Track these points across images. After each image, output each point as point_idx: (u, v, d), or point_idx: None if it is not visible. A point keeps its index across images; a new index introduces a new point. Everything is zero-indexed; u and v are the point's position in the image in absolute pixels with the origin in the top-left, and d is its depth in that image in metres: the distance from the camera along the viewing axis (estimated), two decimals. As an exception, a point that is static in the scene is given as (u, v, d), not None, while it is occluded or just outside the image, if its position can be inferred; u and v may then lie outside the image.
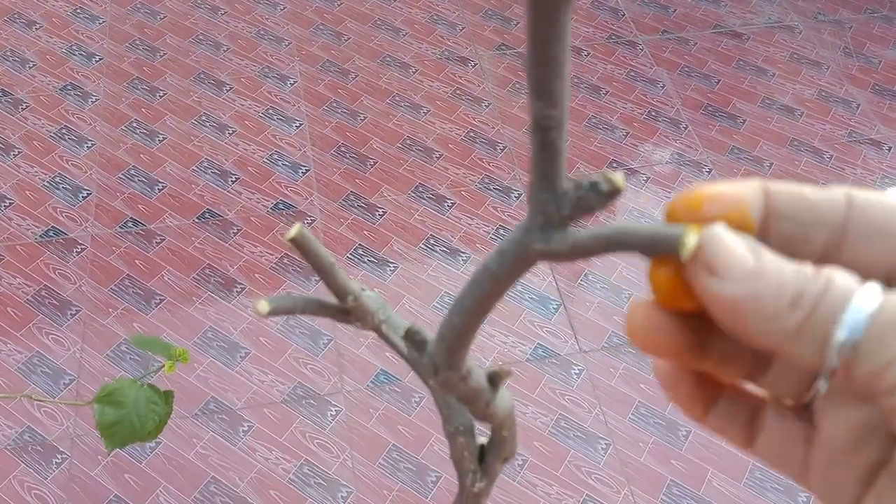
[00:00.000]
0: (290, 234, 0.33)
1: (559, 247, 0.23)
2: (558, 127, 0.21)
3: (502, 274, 0.26)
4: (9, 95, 1.82)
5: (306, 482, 1.28)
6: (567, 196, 0.22)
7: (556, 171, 0.22)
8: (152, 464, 1.29)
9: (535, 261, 0.24)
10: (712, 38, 2.11)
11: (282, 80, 1.91)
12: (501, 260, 0.25)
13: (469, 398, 0.34)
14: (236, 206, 1.65)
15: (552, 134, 0.21)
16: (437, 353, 0.31)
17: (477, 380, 0.33)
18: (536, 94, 0.20)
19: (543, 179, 0.22)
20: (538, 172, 0.22)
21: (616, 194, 0.22)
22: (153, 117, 1.80)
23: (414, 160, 1.76)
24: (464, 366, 0.32)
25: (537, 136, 0.21)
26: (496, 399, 0.36)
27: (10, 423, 1.32)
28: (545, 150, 0.21)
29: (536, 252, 0.23)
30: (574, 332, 1.49)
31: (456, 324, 0.29)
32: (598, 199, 0.22)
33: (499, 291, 0.27)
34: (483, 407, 0.35)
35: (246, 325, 1.46)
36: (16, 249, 1.55)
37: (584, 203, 0.22)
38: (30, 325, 1.44)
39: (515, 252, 0.24)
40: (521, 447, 1.34)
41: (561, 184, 0.22)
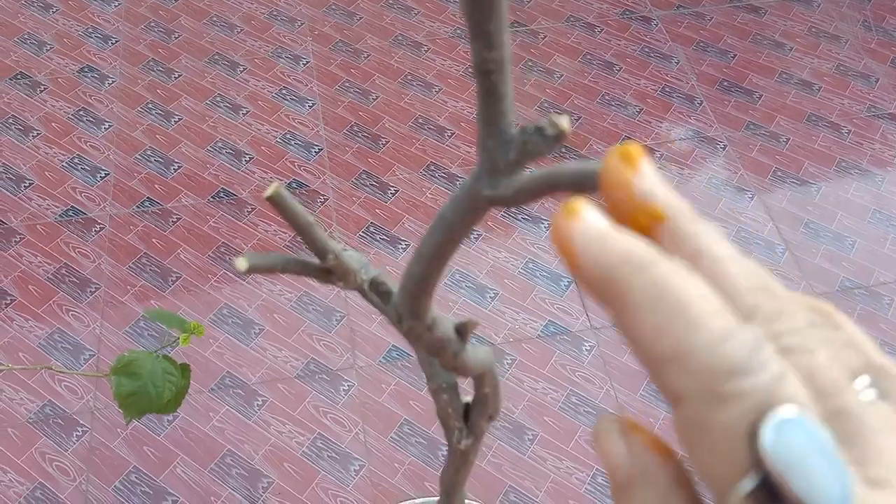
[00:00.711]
0: (268, 192, 0.34)
1: (505, 192, 0.23)
2: (499, 70, 0.21)
3: (456, 221, 0.26)
4: (27, 78, 1.85)
5: (319, 455, 1.30)
6: (513, 141, 0.22)
7: (501, 116, 0.22)
8: (170, 436, 1.32)
9: (486, 207, 0.25)
10: (729, 12, 2.08)
11: (295, 60, 1.92)
12: (455, 207, 0.26)
13: (435, 348, 0.35)
14: (250, 186, 1.66)
15: (493, 77, 0.21)
16: (400, 302, 0.32)
17: (442, 330, 0.34)
18: (474, 35, 0.20)
19: (489, 125, 0.22)
20: (483, 118, 0.22)
21: (561, 138, 0.22)
22: (169, 98, 1.82)
23: (426, 139, 1.76)
24: (427, 315, 0.32)
25: (480, 79, 0.21)
26: (465, 351, 0.36)
27: (32, 396, 1.35)
28: (488, 95, 0.22)
29: (486, 198, 0.24)
30: (585, 309, 1.50)
31: (416, 272, 0.30)
32: (544, 144, 0.22)
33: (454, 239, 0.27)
34: (451, 357, 0.35)
35: (260, 302, 1.48)
36: (36, 229, 1.58)
37: (530, 148, 0.22)
38: (50, 302, 1.47)
39: (467, 199, 0.25)
40: (531, 422, 1.35)
41: (506, 129, 0.22)
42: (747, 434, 0.16)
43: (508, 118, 0.22)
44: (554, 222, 0.19)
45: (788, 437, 0.15)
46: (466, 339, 0.36)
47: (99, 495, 1.25)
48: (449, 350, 0.35)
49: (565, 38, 2.00)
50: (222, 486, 1.27)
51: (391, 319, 0.33)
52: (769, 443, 0.15)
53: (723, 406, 0.16)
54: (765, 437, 0.15)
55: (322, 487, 1.27)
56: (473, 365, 0.38)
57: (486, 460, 1.31)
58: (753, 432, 0.15)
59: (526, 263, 1.56)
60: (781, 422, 0.15)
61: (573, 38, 2.00)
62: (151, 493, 1.26)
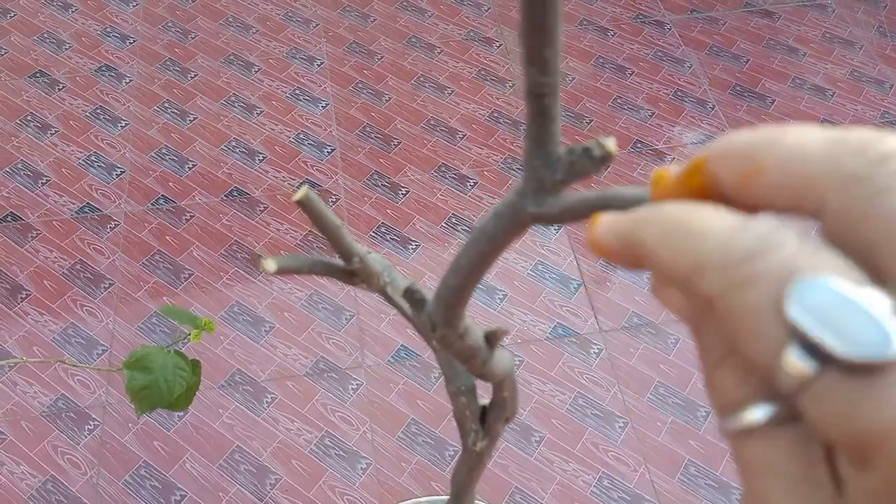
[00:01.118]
0: (297, 195, 0.35)
1: (551, 210, 0.24)
2: (552, 94, 0.22)
3: (498, 235, 0.27)
4: (46, 76, 1.88)
5: (327, 453, 1.31)
6: (560, 161, 0.23)
7: (550, 137, 0.23)
8: (180, 432, 1.33)
9: (529, 223, 0.26)
10: (742, 16, 2.08)
11: (309, 61, 1.93)
12: (497, 222, 0.27)
13: (466, 356, 0.35)
14: (263, 185, 1.68)
15: (546, 101, 0.22)
16: (435, 311, 0.32)
17: (473, 338, 0.35)
18: (530, 61, 0.21)
19: (538, 145, 0.23)
20: (533, 138, 0.23)
21: (608, 160, 0.23)
22: (184, 98, 1.84)
23: (437, 140, 1.77)
24: (461, 324, 0.33)
25: (532, 102, 0.22)
26: (493, 358, 0.37)
27: (46, 390, 1.37)
28: (539, 117, 0.23)
29: (530, 215, 0.25)
30: (594, 312, 1.50)
31: (452, 283, 0.30)
32: (591, 164, 0.23)
33: (494, 252, 0.28)
34: (480, 365, 0.36)
35: (271, 300, 1.50)
36: (52, 225, 1.60)
37: (576, 168, 0.23)
38: (65, 297, 1.49)
39: (510, 214, 0.26)
40: (539, 424, 1.36)
41: (554, 149, 0.23)
42: (776, 310, 0.16)
43: (557, 139, 0.23)
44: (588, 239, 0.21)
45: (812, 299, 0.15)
46: (495, 347, 0.37)
47: (109, 489, 1.27)
48: (479, 358, 0.36)
49: (578, 41, 2.01)
50: (230, 482, 1.28)
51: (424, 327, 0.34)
52: (793, 311, 0.15)
53: (744, 290, 0.16)
54: (788, 306, 0.15)
55: (329, 485, 1.28)
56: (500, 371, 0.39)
57: (493, 461, 1.31)
58: (780, 306, 0.16)
59: (535, 265, 1.56)
60: (802, 288, 0.15)
61: (586, 42, 2.01)
62: (160, 487, 1.27)
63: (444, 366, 0.53)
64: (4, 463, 1.29)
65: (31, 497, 1.26)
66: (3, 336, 1.44)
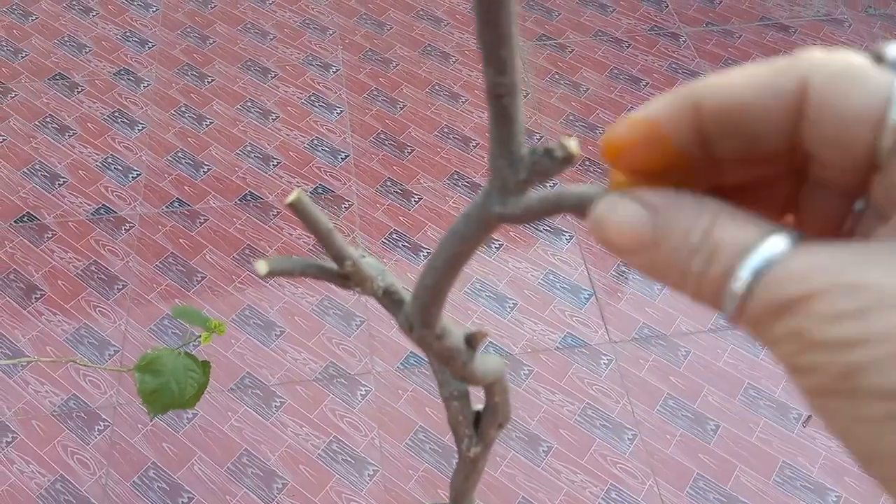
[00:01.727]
0: (290, 199, 0.36)
1: (514, 210, 0.24)
2: (510, 94, 0.22)
3: (468, 236, 0.27)
4: (66, 79, 1.90)
5: (335, 458, 1.32)
6: (523, 161, 0.23)
7: (512, 137, 0.23)
8: (189, 434, 1.34)
9: (496, 223, 0.26)
10: (758, 30, 2.08)
11: (325, 68, 1.95)
12: (466, 223, 0.27)
13: (445, 357, 0.36)
14: (277, 190, 1.69)
15: (504, 100, 0.22)
16: (412, 311, 0.33)
17: (452, 340, 0.35)
18: (487, 61, 0.21)
19: (500, 145, 0.23)
20: (495, 139, 0.23)
21: (570, 160, 0.23)
22: (201, 102, 1.86)
23: (451, 148, 1.78)
24: (438, 325, 0.33)
25: (492, 103, 0.23)
26: (474, 361, 0.37)
27: (57, 390, 1.38)
28: (500, 117, 0.23)
29: (495, 215, 0.25)
30: (605, 322, 1.50)
31: (428, 283, 0.31)
32: (553, 165, 0.23)
33: (466, 253, 0.28)
34: (460, 367, 0.36)
35: (282, 305, 1.50)
36: (68, 226, 1.62)
37: (539, 168, 0.23)
38: (79, 297, 1.51)
39: (478, 215, 0.26)
40: (547, 434, 1.35)
41: (517, 149, 0.23)
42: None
43: (519, 139, 0.23)
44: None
45: None
46: (476, 350, 0.37)
47: (117, 489, 1.28)
48: (458, 359, 0.36)
49: (593, 52, 2.01)
50: (238, 486, 1.28)
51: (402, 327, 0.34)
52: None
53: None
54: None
55: (336, 491, 1.28)
56: (482, 375, 0.39)
57: (500, 470, 1.31)
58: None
59: (546, 275, 1.56)
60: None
61: (601, 53, 2.01)
62: (168, 489, 1.28)
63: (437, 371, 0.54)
64: (14, 462, 1.30)
65: (41, 496, 1.27)
66: (16, 335, 1.45)
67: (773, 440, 1.35)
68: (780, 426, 1.37)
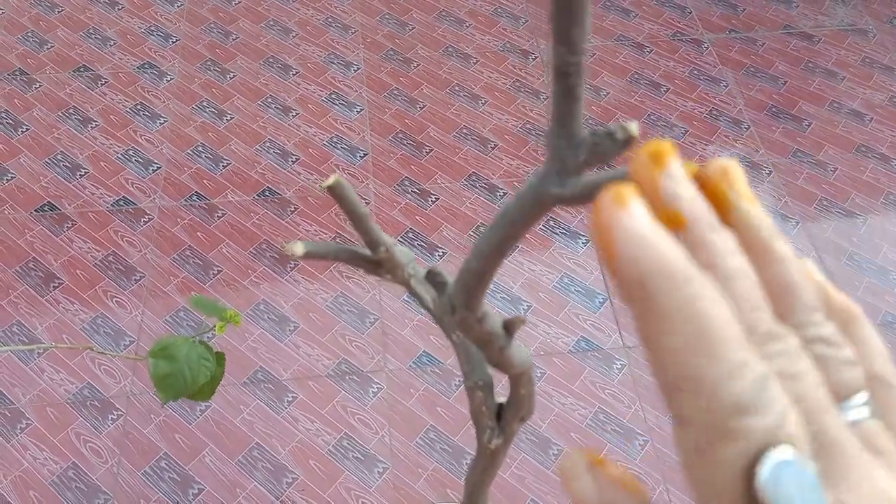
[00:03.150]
0: (328, 182, 0.36)
1: (572, 190, 0.24)
2: (577, 73, 0.23)
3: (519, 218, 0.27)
4: (90, 71, 1.92)
5: (345, 455, 1.32)
6: (583, 143, 0.23)
7: (574, 118, 0.23)
8: (201, 426, 1.34)
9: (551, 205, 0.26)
10: (781, 38, 2.06)
11: (346, 66, 1.95)
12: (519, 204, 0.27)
13: (483, 341, 0.36)
14: (295, 186, 1.70)
15: (572, 80, 0.23)
16: (455, 293, 0.33)
17: (492, 324, 0.35)
18: (558, 40, 0.22)
19: (562, 125, 0.23)
20: (557, 118, 0.24)
21: (630, 142, 0.23)
22: (223, 97, 1.87)
23: (469, 149, 1.78)
24: (480, 308, 0.33)
25: (558, 81, 0.23)
26: (510, 347, 0.37)
27: (73, 378, 1.40)
28: (565, 96, 0.23)
29: (552, 196, 0.25)
30: (619, 327, 1.49)
31: (474, 266, 0.31)
32: (613, 147, 0.23)
33: (515, 235, 0.28)
34: (497, 352, 0.36)
35: (297, 300, 1.51)
36: (88, 216, 1.63)
37: (599, 150, 0.23)
38: (96, 287, 1.52)
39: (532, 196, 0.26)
40: (558, 437, 1.35)
41: (578, 130, 0.24)
42: (744, 469, 0.17)
43: (580, 121, 0.24)
44: (599, 205, 0.18)
45: (783, 477, 0.16)
46: (513, 335, 0.37)
47: (129, 479, 1.29)
48: (496, 343, 0.36)
49: (614, 56, 2.00)
50: (248, 479, 1.29)
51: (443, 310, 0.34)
52: (765, 482, 0.16)
53: (725, 440, 0.17)
54: (762, 475, 0.16)
55: (345, 487, 1.28)
56: (517, 362, 0.39)
57: (510, 472, 1.30)
58: (751, 469, 0.16)
59: (561, 278, 1.56)
60: (778, 463, 0.16)
61: (622, 57, 2.00)
62: (179, 480, 1.29)
63: (463, 360, 0.53)
64: (28, 448, 1.31)
65: (52, 483, 1.28)
66: (33, 323, 1.47)
67: (786, 451, 1.34)
68: (794, 437, 1.36)
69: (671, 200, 0.19)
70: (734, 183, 0.21)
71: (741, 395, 0.17)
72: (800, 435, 0.17)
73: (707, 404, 0.17)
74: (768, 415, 0.17)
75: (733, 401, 0.16)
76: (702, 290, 0.17)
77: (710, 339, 0.17)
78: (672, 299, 0.17)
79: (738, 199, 0.21)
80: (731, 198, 0.21)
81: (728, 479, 0.17)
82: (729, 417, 0.16)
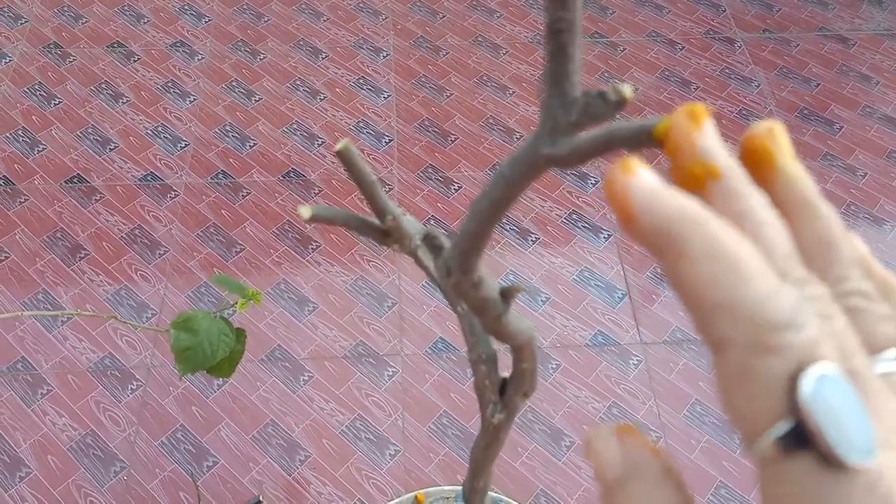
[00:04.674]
0: (338, 146, 0.36)
1: (562, 150, 0.24)
2: (570, 30, 0.23)
3: (514, 178, 0.27)
4: (123, 47, 1.94)
5: (357, 436, 1.33)
6: (575, 103, 0.24)
7: (567, 77, 0.23)
8: (218, 400, 1.36)
9: (543, 166, 0.26)
10: (816, 40, 2.03)
11: (375, 52, 1.96)
12: (513, 166, 0.27)
13: (479, 307, 0.36)
14: (319, 169, 1.71)
15: (564, 37, 0.23)
16: (451, 256, 0.33)
17: (488, 290, 0.35)
18: None
19: (554, 84, 0.24)
20: (550, 77, 0.24)
21: (622, 104, 0.23)
22: (252, 78, 1.89)
23: (494, 139, 1.78)
24: (475, 272, 0.34)
25: (550, 39, 0.23)
26: (508, 315, 0.37)
27: (94, 347, 1.42)
28: (557, 53, 0.23)
29: (544, 156, 0.25)
30: (637, 323, 1.48)
31: (469, 228, 0.31)
32: (605, 108, 0.23)
33: (509, 198, 0.29)
34: (495, 320, 0.37)
35: (317, 281, 1.52)
36: (116, 189, 1.66)
37: (591, 110, 0.23)
38: (121, 259, 1.54)
39: (526, 157, 0.26)
40: (570, 429, 1.35)
41: (571, 90, 0.24)
42: (787, 383, 0.17)
43: (573, 80, 0.24)
44: (609, 176, 0.19)
45: (825, 389, 0.16)
46: (510, 303, 0.37)
47: (145, 448, 1.31)
48: (492, 310, 0.36)
49: (644, 52, 1.99)
50: (261, 454, 1.31)
51: (440, 274, 0.34)
52: (808, 392, 0.16)
53: (767, 355, 0.17)
54: (804, 387, 0.16)
55: (356, 467, 1.29)
56: (514, 331, 0.39)
57: (521, 461, 1.31)
58: (793, 382, 0.17)
59: (581, 271, 1.55)
60: (820, 376, 0.17)
61: (652, 53, 1.99)
62: (194, 451, 1.31)
63: (467, 332, 0.54)
64: (48, 413, 1.34)
65: (71, 448, 1.31)
66: (59, 292, 1.49)
67: (800, 454, 1.33)
68: (809, 441, 1.35)
69: (707, 153, 0.20)
70: (779, 141, 0.21)
71: (779, 312, 0.17)
72: (837, 357, 0.17)
73: (746, 323, 0.17)
74: (808, 331, 0.17)
75: (772, 317, 0.17)
76: (723, 229, 0.18)
77: (739, 266, 0.18)
78: (696, 238, 0.18)
79: (783, 157, 0.21)
80: (775, 155, 0.21)
81: (770, 395, 0.17)
82: (769, 333, 0.17)
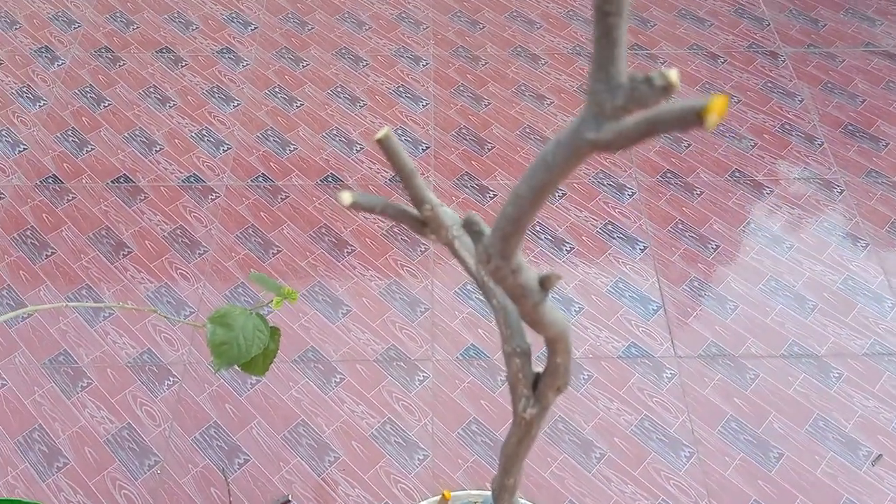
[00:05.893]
0: (379, 134, 0.37)
1: (606, 135, 0.25)
2: (618, 13, 0.23)
3: (556, 164, 0.28)
4: (171, 53, 2.00)
5: (387, 440, 1.33)
6: (622, 87, 0.24)
7: (613, 61, 0.24)
8: (251, 399, 1.38)
9: (587, 151, 0.26)
10: (863, 56, 2.00)
11: (415, 60, 1.98)
12: (556, 150, 0.27)
13: (517, 294, 0.36)
14: (357, 174, 1.73)
15: (611, 20, 0.23)
16: (491, 242, 0.33)
17: (526, 277, 0.36)
18: None
19: (601, 69, 0.24)
20: (597, 61, 0.24)
21: (670, 90, 0.23)
22: (294, 85, 1.92)
23: (531, 148, 1.78)
24: (514, 259, 0.34)
25: (599, 21, 0.23)
26: (544, 303, 0.38)
27: (133, 342, 1.45)
28: (604, 38, 0.23)
29: (588, 141, 0.25)
30: (671, 336, 1.47)
31: (510, 213, 0.31)
32: (652, 93, 0.23)
33: (552, 182, 0.29)
34: (531, 308, 0.37)
35: (351, 285, 1.54)
36: (160, 190, 1.70)
37: (637, 95, 0.23)
38: (162, 258, 1.58)
39: (569, 141, 0.26)
40: (601, 441, 1.33)
41: (617, 74, 0.24)
42: None
43: (620, 65, 0.24)
44: None
45: None
46: (548, 291, 0.37)
47: (179, 443, 1.33)
48: (530, 298, 0.37)
49: (685, 64, 1.98)
50: (292, 454, 1.32)
51: (479, 259, 0.35)
52: None
53: None
54: None
55: (385, 471, 1.30)
56: (550, 321, 0.39)
57: (550, 471, 1.30)
58: None
59: (615, 282, 1.54)
60: None
61: (693, 66, 1.97)
62: (227, 448, 1.32)
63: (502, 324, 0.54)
64: (87, 406, 1.37)
65: (107, 441, 1.33)
66: (101, 288, 1.53)
67: (838, 475, 1.30)
68: (847, 462, 1.31)
69: None
70: None
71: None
72: None
73: None
74: None
75: None
76: None
77: None
78: None
79: None
80: None
81: None
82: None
